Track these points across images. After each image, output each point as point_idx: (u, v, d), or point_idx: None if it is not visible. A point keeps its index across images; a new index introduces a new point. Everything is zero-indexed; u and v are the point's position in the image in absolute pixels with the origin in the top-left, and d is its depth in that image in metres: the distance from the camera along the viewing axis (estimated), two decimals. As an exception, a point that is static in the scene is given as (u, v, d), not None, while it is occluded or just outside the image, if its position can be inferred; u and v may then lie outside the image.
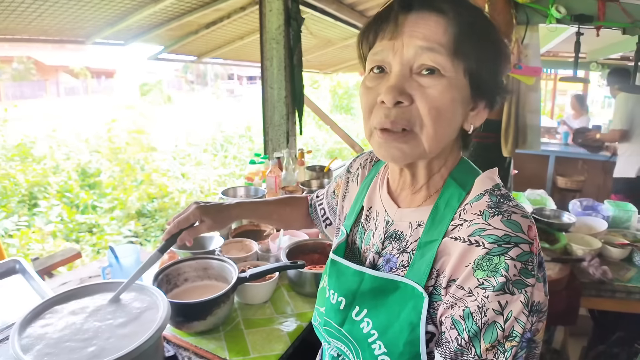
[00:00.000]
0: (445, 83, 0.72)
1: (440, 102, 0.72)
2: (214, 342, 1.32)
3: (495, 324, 0.67)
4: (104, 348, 0.95)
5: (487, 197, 0.76)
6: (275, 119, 2.91)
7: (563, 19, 2.36)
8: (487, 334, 0.67)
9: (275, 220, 1.34)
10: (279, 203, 1.32)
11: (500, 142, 2.58)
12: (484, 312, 0.67)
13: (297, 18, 2.77)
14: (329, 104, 16.75)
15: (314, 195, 1.33)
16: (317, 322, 0.95)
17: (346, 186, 1.11)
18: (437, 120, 0.73)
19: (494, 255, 0.68)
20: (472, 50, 0.73)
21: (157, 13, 3.09)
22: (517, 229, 0.70)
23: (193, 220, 1.13)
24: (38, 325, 1.02)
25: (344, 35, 4.75)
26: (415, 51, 0.72)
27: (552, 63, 6.38)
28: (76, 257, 2.39)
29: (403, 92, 0.73)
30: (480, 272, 0.69)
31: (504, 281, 0.67)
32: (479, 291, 0.68)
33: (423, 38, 0.72)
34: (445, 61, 0.72)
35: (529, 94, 2.55)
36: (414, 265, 0.79)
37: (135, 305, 1.10)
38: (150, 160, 8.58)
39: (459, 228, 0.75)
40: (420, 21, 0.73)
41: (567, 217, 2.50)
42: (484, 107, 0.79)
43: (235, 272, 1.42)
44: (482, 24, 0.75)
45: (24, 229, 4.93)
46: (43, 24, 2.74)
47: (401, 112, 0.74)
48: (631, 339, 2.24)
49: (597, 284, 2.03)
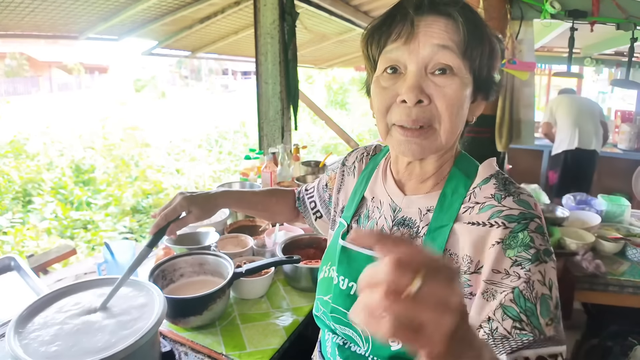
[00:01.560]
0: (458, 82, 0.77)
1: (455, 100, 0.78)
2: (211, 337, 1.32)
3: (544, 297, 0.70)
4: (101, 344, 0.95)
5: (494, 180, 0.83)
6: (270, 114, 2.90)
7: (557, 14, 2.37)
8: (543, 308, 0.70)
9: (261, 211, 1.34)
10: (265, 194, 1.33)
11: (495, 137, 2.59)
12: (531, 286, 0.71)
13: (291, 13, 2.76)
14: (324, 99, 16.73)
15: (301, 189, 1.34)
16: (320, 312, 0.97)
17: (341, 179, 1.13)
18: (454, 116, 0.79)
19: (517, 232, 0.74)
20: (476, 51, 0.79)
21: (151, 8, 3.08)
22: (528, 206, 0.77)
23: (180, 211, 1.13)
24: (35, 322, 1.01)
25: (339, 30, 4.74)
26: (431, 49, 0.77)
27: (547, 58, 6.39)
28: (71, 254, 2.37)
29: (422, 91, 0.77)
30: (511, 251, 0.73)
31: (535, 252, 0.72)
32: (517, 269, 0.72)
33: (439, 37, 0.77)
34: (457, 61, 0.77)
35: (523, 89, 2.56)
36: None
37: (131, 301, 1.10)
38: (145, 156, 8.55)
39: (471, 211, 0.81)
40: (433, 23, 0.78)
41: (561, 211, 2.52)
42: (481, 99, 0.86)
43: (231, 268, 1.42)
44: (482, 26, 0.81)
45: (18, 226, 4.90)
46: (36, 19, 2.72)
47: (421, 110, 0.78)
48: (625, 332, 2.26)
49: (590, 278, 2.05)
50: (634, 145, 5.35)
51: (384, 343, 0.84)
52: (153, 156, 8.75)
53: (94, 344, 0.95)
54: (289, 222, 1.42)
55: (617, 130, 5.69)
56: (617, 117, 5.88)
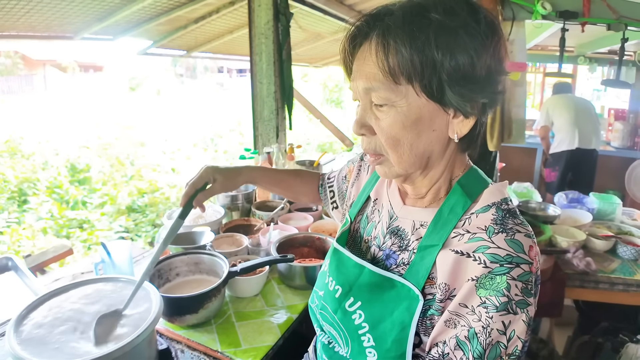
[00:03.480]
0: (393, 113, 0.75)
1: (392, 131, 0.76)
2: (206, 334, 1.34)
3: (499, 344, 0.70)
4: (99, 342, 0.97)
5: (494, 210, 0.77)
6: (265, 114, 2.92)
7: (548, 15, 2.38)
8: (491, 354, 0.70)
9: (284, 189, 1.35)
10: (290, 173, 1.37)
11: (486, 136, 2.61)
12: (488, 332, 0.69)
13: (285, 13, 2.78)
14: (320, 97, 16.71)
15: (325, 176, 1.34)
16: (314, 305, 0.98)
17: (357, 173, 1.14)
18: (396, 147, 0.78)
19: (496, 274, 0.70)
20: (417, 67, 0.70)
21: (146, 8, 3.08)
22: (519, 249, 0.71)
23: (206, 179, 1.16)
24: (33, 320, 1.03)
25: (334, 29, 4.74)
26: (362, 91, 0.78)
27: (541, 57, 6.41)
28: (68, 254, 2.39)
29: (364, 125, 0.80)
30: (483, 291, 0.70)
31: (506, 301, 0.69)
32: (482, 310, 0.70)
33: (365, 78, 0.76)
34: (389, 93, 0.74)
35: (515, 89, 2.58)
36: (413, 267, 0.81)
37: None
38: (140, 155, 8.54)
39: (460, 238, 0.76)
40: (362, 59, 0.77)
41: (553, 209, 2.54)
42: (466, 115, 0.76)
43: (226, 266, 1.44)
44: (424, 30, 0.70)
45: (14, 225, 4.90)
46: (31, 20, 2.72)
47: (367, 141, 0.81)
48: (616, 329, 2.29)
49: (581, 275, 2.07)
50: (627, 143, 5.39)
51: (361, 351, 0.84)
52: (148, 155, 8.74)
53: (93, 342, 0.97)
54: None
55: (610, 128, 5.72)
56: (611, 115, 5.92)
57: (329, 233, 1.95)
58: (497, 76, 0.74)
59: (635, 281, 2.02)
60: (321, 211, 2.26)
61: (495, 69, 0.73)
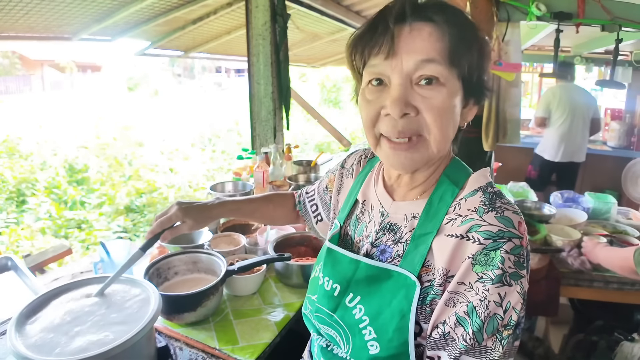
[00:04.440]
0: (445, 92, 0.77)
1: (443, 110, 0.78)
2: (204, 332, 1.36)
3: (496, 316, 0.72)
4: (98, 340, 0.98)
5: (481, 194, 0.80)
6: (262, 114, 2.93)
7: (543, 16, 2.41)
8: (489, 326, 0.72)
9: (259, 218, 1.38)
10: (262, 201, 1.35)
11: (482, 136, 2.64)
12: (486, 305, 0.72)
13: (283, 14, 2.79)
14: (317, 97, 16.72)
15: (302, 192, 1.35)
16: (308, 310, 0.99)
17: (340, 181, 1.15)
18: (443, 126, 0.79)
19: (490, 250, 0.73)
20: (464, 57, 0.77)
21: (144, 9, 3.10)
22: (509, 224, 0.75)
23: (175, 221, 1.16)
24: (34, 319, 1.04)
25: (331, 30, 4.76)
26: (415, 64, 0.76)
27: (537, 57, 6.43)
28: (67, 253, 2.39)
29: (408, 104, 0.77)
30: (479, 267, 0.74)
31: (500, 273, 0.72)
32: (479, 285, 0.73)
33: (422, 51, 0.75)
34: (444, 70, 0.76)
35: (510, 90, 2.60)
36: (408, 255, 0.83)
37: (127, 298, 1.13)
38: (138, 155, 8.54)
39: (453, 223, 0.79)
40: (415, 33, 0.76)
41: (548, 208, 2.56)
42: (473, 103, 0.85)
43: (224, 265, 1.45)
44: (469, 28, 0.80)
45: (13, 226, 4.91)
46: (30, 21, 2.73)
47: (408, 122, 0.78)
48: (611, 327, 2.30)
49: (576, 274, 2.09)
50: (623, 142, 5.40)
51: (362, 346, 0.85)
52: (146, 155, 8.74)
53: (92, 340, 0.98)
54: (289, 224, 1.45)
55: (606, 128, 5.73)
56: (607, 115, 5.94)
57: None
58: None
59: (629, 280, 2.04)
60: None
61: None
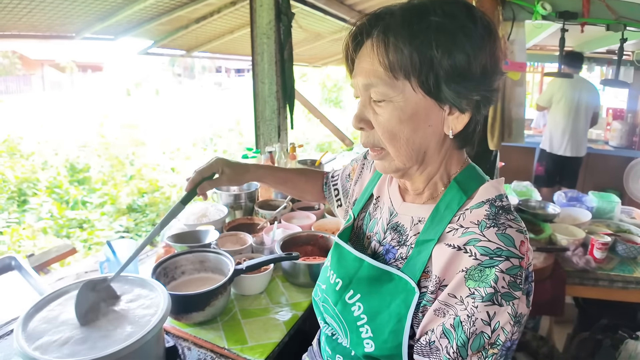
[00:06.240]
0: (390, 108, 0.78)
1: (389, 126, 0.79)
2: (213, 332, 1.36)
3: (482, 334, 0.72)
4: (108, 339, 0.98)
5: (487, 207, 0.79)
6: (267, 113, 2.93)
7: (548, 15, 2.40)
8: (475, 343, 0.72)
9: (290, 188, 1.37)
10: (295, 172, 1.39)
11: (487, 135, 2.63)
12: (472, 322, 0.72)
13: (287, 13, 2.79)
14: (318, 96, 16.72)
15: (329, 174, 1.37)
16: (318, 298, 1.01)
17: (360, 172, 1.17)
18: (393, 141, 0.81)
19: (485, 266, 0.72)
20: (421, 66, 0.73)
21: (148, 8, 3.09)
22: (510, 243, 0.73)
23: (215, 169, 1.19)
24: (41, 319, 1.04)
25: (333, 29, 4.76)
26: (362, 87, 0.81)
27: (539, 56, 6.43)
28: (71, 253, 2.40)
29: (363, 119, 0.83)
30: (472, 282, 0.73)
31: (492, 292, 0.71)
32: (469, 300, 0.73)
33: (364, 75, 0.79)
34: (387, 88, 0.77)
35: (515, 89, 2.60)
36: (411, 260, 0.84)
37: (136, 297, 1.13)
38: (140, 154, 8.53)
39: (454, 233, 0.79)
40: (363, 56, 0.80)
41: (552, 208, 2.56)
42: (458, 111, 0.78)
43: (232, 264, 1.45)
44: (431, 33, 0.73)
45: (14, 225, 4.90)
46: (33, 20, 2.72)
47: (366, 135, 0.85)
48: (615, 325, 2.31)
49: (581, 273, 2.09)
50: (625, 142, 5.42)
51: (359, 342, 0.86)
52: (148, 155, 8.74)
53: (101, 340, 0.98)
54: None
55: (608, 128, 5.74)
56: (609, 114, 5.94)
57: (332, 231, 1.97)
58: (493, 75, 0.78)
59: (634, 278, 2.05)
60: (323, 210, 2.27)
61: (490, 69, 0.77)
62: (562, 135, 4.57)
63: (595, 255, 2.10)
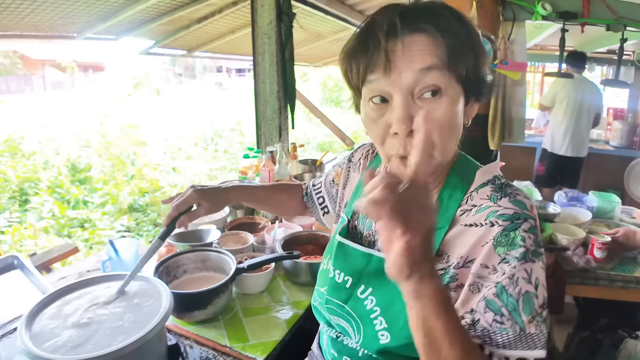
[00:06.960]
0: (446, 101, 0.76)
1: (446, 121, 0.77)
2: (214, 330, 1.36)
3: (528, 294, 0.72)
4: (110, 337, 0.98)
5: (491, 185, 0.84)
6: (268, 113, 2.94)
7: (549, 15, 2.41)
8: (525, 306, 0.72)
9: (271, 206, 1.38)
10: (275, 189, 1.38)
11: (487, 135, 2.64)
12: (515, 282, 0.73)
13: (288, 13, 2.80)
14: (319, 96, 16.73)
15: (309, 184, 1.37)
16: (318, 302, 1.01)
17: (347, 175, 1.16)
18: (446, 136, 0.79)
19: (510, 230, 0.75)
20: (461, 61, 0.75)
21: (149, 8, 3.10)
22: (523, 207, 0.78)
23: (191, 203, 1.16)
24: (44, 317, 1.04)
25: (334, 29, 4.77)
26: (415, 75, 0.74)
27: (540, 56, 6.43)
28: (74, 252, 2.41)
29: (411, 118, 0.75)
30: (501, 248, 0.75)
31: (524, 251, 0.73)
32: (504, 266, 0.74)
33: (420, 59, 0.73)
34: (444, 78, 0.74)
35: (515, 88, 2.60)
36: None
37: (139, 296, 1.14)
38: (141, 154, 8.55)
39: (468, 213, 0.82)
40: (409, 46, 0.74)
41: (553, 207, 2.56)
42: (474, 101, 0.85)
43: (234, 263, 1.46)
44: (463, 30, 0.77)
45: (16, 225, 4.91)
46: (35, 20, 2.73)
47: (403, 141, 0.77)
48: (615, 325, 2.31)
49: (581, 272, 2.09)
50: (625, 142, 5.41)
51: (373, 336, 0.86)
52: (149, 154, 8.75)
53: (104, 338, 0.98)
54: (297, 215, 1.46)
55: (609, 128, 5.74)
56: (610, 114, 5.94)
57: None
58: None
59: (634, 278, 2.04)
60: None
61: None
62: (564, 136, 4.57)
63: (596, 254, 2.10)
